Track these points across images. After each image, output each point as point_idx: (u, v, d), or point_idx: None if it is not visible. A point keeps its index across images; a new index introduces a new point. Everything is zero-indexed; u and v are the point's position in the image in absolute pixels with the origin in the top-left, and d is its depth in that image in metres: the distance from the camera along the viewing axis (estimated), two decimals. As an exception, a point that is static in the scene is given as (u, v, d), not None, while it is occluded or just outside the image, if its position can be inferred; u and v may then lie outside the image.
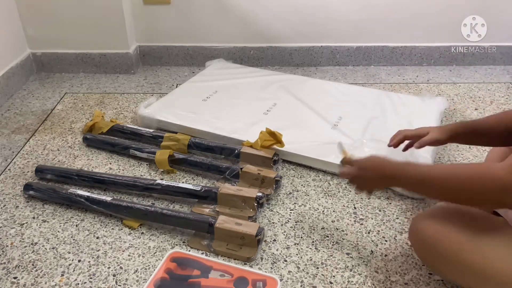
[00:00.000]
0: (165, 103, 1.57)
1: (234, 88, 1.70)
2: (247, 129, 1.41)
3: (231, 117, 1.48)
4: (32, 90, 1.80)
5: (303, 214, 1.13)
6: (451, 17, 1.91)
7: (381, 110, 1.55)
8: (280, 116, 1.50)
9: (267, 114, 1.52)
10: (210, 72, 1.84)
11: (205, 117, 1.47)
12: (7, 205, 1.16)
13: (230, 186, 1.15)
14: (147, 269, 0.97)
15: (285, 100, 1.62)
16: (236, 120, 1.46)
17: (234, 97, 1.63)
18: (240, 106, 1.57)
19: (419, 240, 0.85)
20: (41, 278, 0.95)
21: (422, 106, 1.57)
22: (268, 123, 1.40)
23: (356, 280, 0.94)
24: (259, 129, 1.33)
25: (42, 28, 1.85)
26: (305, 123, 1.47)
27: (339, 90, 1.70)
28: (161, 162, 1.26)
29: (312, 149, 1.31)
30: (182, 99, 1.61)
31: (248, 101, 1.61)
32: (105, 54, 1.91)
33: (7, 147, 1.42)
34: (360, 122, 1.47)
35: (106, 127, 1.44)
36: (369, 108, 1.57)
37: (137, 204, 1.10)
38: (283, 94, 1.66)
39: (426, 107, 1.56)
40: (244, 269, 0.93)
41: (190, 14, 1.90)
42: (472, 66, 2.01)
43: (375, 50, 1.99)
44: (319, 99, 1.63)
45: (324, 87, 1.73)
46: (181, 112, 1.50)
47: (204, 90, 1.66)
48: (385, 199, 1.18)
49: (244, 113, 1.52)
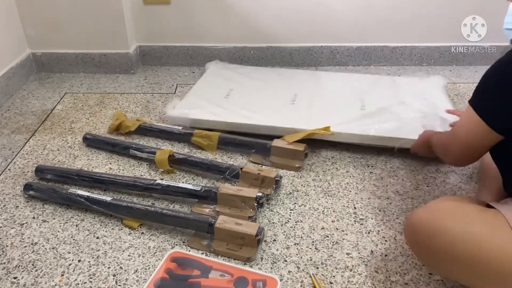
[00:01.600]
0: (191, 102, 1.56)
1: (248, 85, 1.70)
2: (285, 118, 1.43)
3: (262, 109, 1.49)
4: (32, 90, 1.80)
5: (303, 214, 1.13)
6: (451, 17, 1.90)
7: (395, 93, 1.62)
8: (309, 104, 1.54)
9: (294, 103, 1.55)
10: (214, 73, 1.83)
11: (238, 111, 1.48)
12: (7, 205, 1.16)
13: (230, 186, 1.15)
14: (147, 269, 0.97)
15: (304, 90, 1.65)
16: (269, 111, 1.48)
17: (253, 92, 1.64)
18: (265, 99, 1.58)
19: (414, 236, 0.85)
20: (41, 278, 0.95)
21: (425, 83, 1.68)
22: (301, 110, 1.49)
23: (356, 280, 0.94)
24: (297, 117, 1.42)
25: (42, 28, 1.85)
26: (335, 108, 1.51)
27: (346, 78, 1.79)
28: (161, 162, 1.26)
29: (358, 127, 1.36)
30: (204, 97, 1.60)
31: (269, 94, 1.62)
32: (105, 54, 1.90)
33: (7, 147, 1.42)
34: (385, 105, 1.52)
35: (134, 125, 1.44)
36: (383, 91, 1.64)
37: (137, 204, 1.10)
38: (298, 86, 1.69)
39: (429, 84, 1.68)
40: (244, 269, 0.93)
41: (190, 14, 1.90)
42: (472, 66, 2.01)
43: (375, 50, 1.99)
44: (335, 87, 1.69)
45: (334, 77, 1.80)
46: (212, 109, 1.50)
47: (220, 89, 1.66)
48: (385, 199, 1.18)
49: (274, 104, 1.54)
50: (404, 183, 1.24)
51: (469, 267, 0.77)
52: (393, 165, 1.32)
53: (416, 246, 0.87)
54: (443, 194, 1.20)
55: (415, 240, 0.85)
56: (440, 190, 1.21)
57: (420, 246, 0.85)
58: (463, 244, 0.77)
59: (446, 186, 1.23)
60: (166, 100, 1.71)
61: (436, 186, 1.23)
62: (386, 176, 1.27)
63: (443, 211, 0.82)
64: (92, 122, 1.55)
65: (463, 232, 0.77)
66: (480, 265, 0.76)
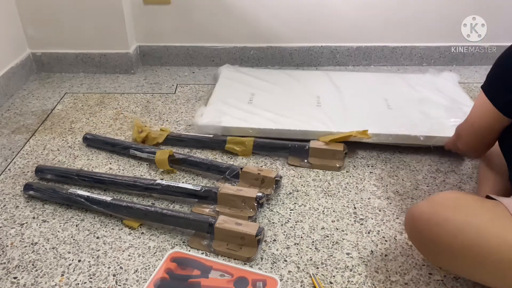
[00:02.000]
0: (218, 109, 1.52)
1: (267, 88, 1.69)
2: (317, 120, 1.43)
3: (292, 113, 1.48)
4: (32, 90, 1.81)
5: (303, 214, 1.13)
6: (451, 17, 1.90)
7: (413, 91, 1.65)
8: (335, 106, 1.54)
9: (320, 105, 1.54)
10: (229, 76, 1.79)
11: (267, 116, 1.47)
12: (7, 205, 1.16)
13: (230, 186, 1.15)
14: (147, 269, 0.97)
15: (324, 91, 1.65)
16: (299, 115, 1.47)
17: (274, 96, 1.63)
18: (290, 103, 1.57)
19: (415, 228, 0.85)
20: (41, 278, 0.95)
21: (440, 80, 1.72)
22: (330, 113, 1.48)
23: (356, 280, 0.94)
24: (329, 119, 1.43)
25: (42, 28, 1.85)
26: (363, 109, 1.52)
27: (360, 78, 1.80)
28: (161, 162, 1.26)
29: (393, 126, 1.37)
30: (229, 103, 1.56)
31: (292, 97, 1.62)
32: (105, 54, 1.91)
33: (7, 147, 1.42)
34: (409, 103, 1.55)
35: (161, 137, 1.40)
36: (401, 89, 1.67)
37: (137, 204, 1.10)
38: (317, 87, 1.69)
39: (444, 80, 1.71)
40: (244, 269, 0.93)
41: (190, 14, 1.90)
42: (472, 66, 2.01)
43: (375, 50, 1.99)
44: (353, 87, 1.69)
45: (347, 77, 1.81)
46: (241, 115, 1.47)
47: (241, 94, 1.63)
48: (385, 199, 1.18)
49: (300, 107, 1.53)
50: (404, 183, 1.24)
51: (470, 257, 0.77)
52: (393, 165, 1.32)
53: (416, 238, 0.87)
54: (443, 194, 1.20)
55: (416, 231, 0.85)
56: (440, 190, 1.22)
57: (421, 237, 0.85)
58: (464, 235, 0.76)
59: (446, 186, 1.23)
60: (166, 100, 1.71)
61: (436, 186, 1.23)
62: (386, 176, 1.27)
63: (444, 202, 0.82)
64: (92, 122, 1.55)
65: (464, 223, 0.77)
66: (481, 255, 0.76)
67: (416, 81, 1.73)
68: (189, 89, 1.80)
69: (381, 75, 1.87)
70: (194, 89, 1.81)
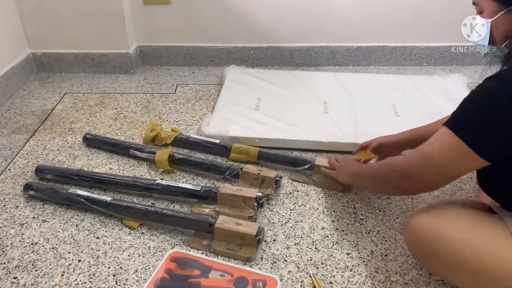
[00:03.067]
0: (224, 117, 1.50)
1: (274, 93, 1.68)
2: (324, 130, 1.42)
3: (298, 121, 1.47)
4: (32, 90, 1.80)
5: (303, 214, 1.13)
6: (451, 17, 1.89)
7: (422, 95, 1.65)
8: (342, 113, 1.54)
9: (328, 112, 1.54)
10: (235, 79, 1.78)
11: (274, 124, 1.46)
12: (7, 205, 1.16)
13: (230, 186, 1.15)
14: (147, 269, 0.97)
15: (331, 96, 1.65)
16: (306, 123, 1.46)
17: (281, 101, 1.62)
18: (297, 109, 1.56)
19: (414, 241, 0.85)
20: (41, 278, 0.95)
21: (449, 82, 1.71)
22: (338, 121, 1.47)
23: (356, 280, 0.94)
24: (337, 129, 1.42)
25: (42, 28, 1.85)
26: (370, 117, 1.51)
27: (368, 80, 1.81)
28: (161, 162, 1.26)
29: None
30: (235, 110, 1.55)
31: (298, 103, 1.61)
32: (105, 54, 1.90)
33: (7, 147, 1.42)
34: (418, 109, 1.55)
35: (170, 138, 1.39)
36: (410, 93, 1.67)
37: (137, 204, 1.10)
38: (324, 91, 1.69)
39: (453, 83, 1.71)
40: (244, 269, 0.93)
41: (190, 14, 1.90)
42: (472, 66, 2.01)
43: (375, 50, 1.99)
44: (361, 90, 1.69)
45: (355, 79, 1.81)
46: (247, 123, 1.46)
47: (247, 99, 1.62)
48: (385, 199, 1.18)
49: (307, 115, 1.52)
50: (404, 183, 1.24)
51: (468, 274, 0.78)
52: (393, 165, 1.32)
53: (415, 250, 0.87)
54: (443, 194, 1.20)
55: (415, 243, 0.86)
56: (440, 190, 1.21)
57: (419, 250, 0.85)
58: (461, 252, 0.77)
59: (446, 186, 1.23)
60: (166, 100, 1.71)
61: (436, 186, 1.23)
62: (386, 176, 1.27)
63: (445, 218, 0.82)
64: (92, 122, 1.55)
65: (461, 239, 0.78)
66: (479, 273, 0.76)
67: (425, 84, 1.73)
68: (189, 89, 1.80)
69: (389, 76, 1.86)
70: (194, 89, 1.81)
